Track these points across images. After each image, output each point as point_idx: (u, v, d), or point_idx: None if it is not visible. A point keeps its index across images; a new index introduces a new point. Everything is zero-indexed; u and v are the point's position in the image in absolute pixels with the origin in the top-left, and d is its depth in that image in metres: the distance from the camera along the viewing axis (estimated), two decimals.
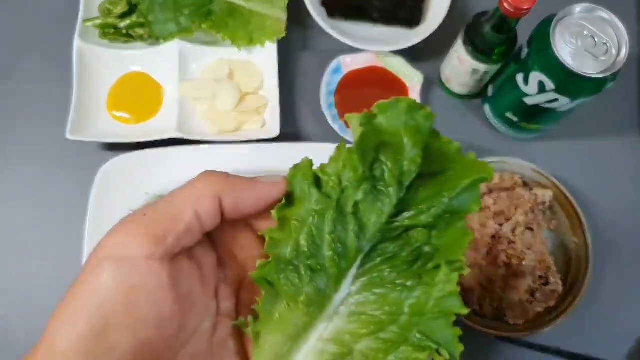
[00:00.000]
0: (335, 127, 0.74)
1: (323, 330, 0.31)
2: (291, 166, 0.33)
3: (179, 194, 0.30)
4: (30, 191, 0.73)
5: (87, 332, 0.26)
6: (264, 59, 0.76)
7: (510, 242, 0.66)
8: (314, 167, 0.33)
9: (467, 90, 0.77)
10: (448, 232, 0.32)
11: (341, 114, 0.75)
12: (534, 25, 0.63)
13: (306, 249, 0.31)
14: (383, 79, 0.77)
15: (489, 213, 0.68)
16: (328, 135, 0.75)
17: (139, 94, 0.76)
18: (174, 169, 0.68)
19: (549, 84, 0.61)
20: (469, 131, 0.79)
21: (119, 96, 0.75)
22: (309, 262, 0.31)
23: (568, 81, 0.60)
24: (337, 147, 0.32)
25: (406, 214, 0.31)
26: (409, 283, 0.31)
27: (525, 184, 0.71)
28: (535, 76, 0.62)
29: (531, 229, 0.67)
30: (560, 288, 0.66)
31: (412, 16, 0.78)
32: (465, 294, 0.66)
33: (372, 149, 0.31)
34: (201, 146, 0.70)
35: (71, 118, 0.70)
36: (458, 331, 0.31)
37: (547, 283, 0.66)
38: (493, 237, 0.66)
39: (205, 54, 0.76)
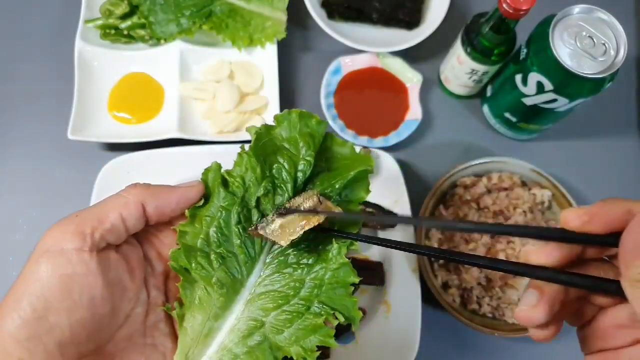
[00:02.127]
0: (335, 127, 0.74)
1: (240, 309, 0.37)
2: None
3: (107, 200, 0.36)
4: (31, 191, 0.74)
5: (30, 315, 0.31)
6: (264, 59, 0.77)
7: (509, 241, 0.66)
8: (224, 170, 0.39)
9: (466, 91, 0.77)
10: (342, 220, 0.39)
11: (341, 115, 0.75)
12: (532, 26, 0.63)
13: (216, 239, 0.37)
14: (382, 80, 0.78)
15: (488, 213, 0.68)
16: None
17: (140, 95, 0.76)
18: (175, 169, 0.68)
19: (548, 85, 0.61)
20: (468, 131, 0.79)
21: (120, 96, 0.76)
22: (219, 250, 0.37)
23: (566, 81, 0.60)
24: (238, 153, 0.39)
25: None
26: (310, 261, 0.38)
27: (523, 184, 0.71)
28: (534, 76, 0.62)
29: None
30: None
31: (411, 17, 0.78)
32: (465, 293, 0.66)
33: (269, 154, 0.39)
34: (202, 146, 0.70)
35: (72, 118, 0.71)
36: (356, 299, 0.37)
37: None
38: (492, 236, 0.67)
39: (206, 54, 0.77)
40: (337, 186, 0.39)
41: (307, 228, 0.37)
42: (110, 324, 0.35)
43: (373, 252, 0.70)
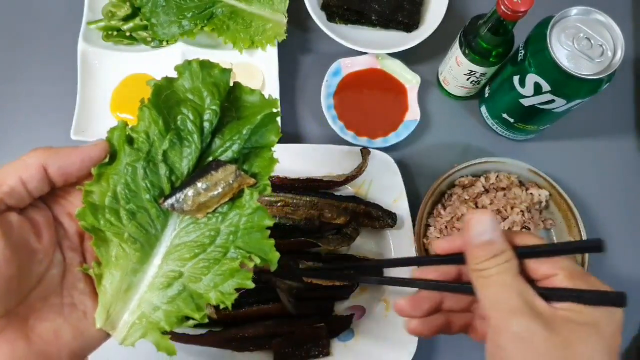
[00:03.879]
0: (335, 128, 0.75)
1: (157, 263, 0.38)
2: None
3: (7, 165, 0.36)
4: None
5: None
6: (265, 61, 0.77)
7: None
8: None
9: (464, 92, 0.78)
10: (256, 162, 0.40)
11: (341, 116, 0.76)
12: (530, 27, 0.64)
13: (124, 196, 0.38)
14: (382, 81, 0.78)
15: None
16: (328, 136, 0.76)
17: (142, 96, 0.76)
18: None
19: (545, 86, 0.62)
20: (466, 132, 0.80)
21: (122, 97, 0.76)
22: (128, 206, 0.38)
23: (564, 82, 0.60)
24: (138, 108, 0.38)
25: (216, 154, 0.39)
26: (224, 209, 0.39)
27: (521, 184, 0.71)
28: (532, 78, 0.63)
29: (527, 228, 0.68)
30: None
31: (410, 19, 0.79)
32: None
33: (172, 106, 0.38)
34: None
35: (75, 119, 0.71)
36: (272, 242, 0.38)
37: None
38: None
39: (207, 56, 0.76)
40: (244, 132, 0.39)
41: (222, 201, 0.38)
42: (19, 287, 0.35)
43: (371, 249, 0.70)
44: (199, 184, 0.38)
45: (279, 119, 0.40)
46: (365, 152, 0.71)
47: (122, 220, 0.37)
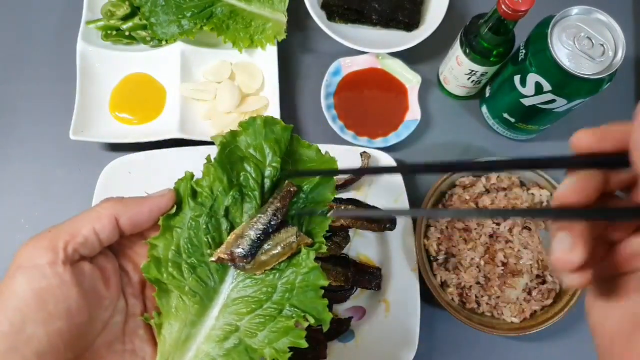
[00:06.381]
0: (335, 127, 0.74)
1: (215, 315, 0.39)
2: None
3: (81, 214, 0.38)
4: (33, 191, 0.74)
5: (7, 329, 0.33)
6: (265, 60, 0.77)
7: (508, 241, 0.67)
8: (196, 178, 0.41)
9: (465, 92, 0.78)
10: (311, 219, 0.40)
11: (341, 115, 0.76)
12: (531, 27, 0.64)
13: (186, 250, 0.39)
14: (382, 81, 0.78)
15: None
16: (328, 135, 0.76)
17: (141, 95, 0.76)
18: (175, 170, 0.68)
19: (546, 85, 0.62)
20: (467, 132, 0.79)
21: (121, 97, 0.76)
22: (189, 260, 0.39)
23: (565, 82, 0.60)
24: (204, 164, 0.40)
25: None
26: (281, 266, 0.40)
27: (522, 184, 0.71)
28: (533, 77, 0.63)
29: (528, 228, 0.68)
30: (557, 287, 0.67)
31: (410, 19, 0.78)
32: (463, 292, 0.67)
33: (236, 162, 0.40)
34: (202, 147, 0.71)
35: (74, 118, 0.71)
36: (325, 302, 0.38)
37: (544, 282, 0.67)
38: (490, 236, 0.67)
39: (207, 55, 0.77)
40: (303, 189, 0.40)
41: (280, 260, 0.39)
42: (88, 332, 0.36)
43: (372, 252, 0.70)
44: (264, 245, 0.39)
45: (335, 177, 0.42)
46: (365, 155, 0.70)
47: (184, 274, 0.39)
